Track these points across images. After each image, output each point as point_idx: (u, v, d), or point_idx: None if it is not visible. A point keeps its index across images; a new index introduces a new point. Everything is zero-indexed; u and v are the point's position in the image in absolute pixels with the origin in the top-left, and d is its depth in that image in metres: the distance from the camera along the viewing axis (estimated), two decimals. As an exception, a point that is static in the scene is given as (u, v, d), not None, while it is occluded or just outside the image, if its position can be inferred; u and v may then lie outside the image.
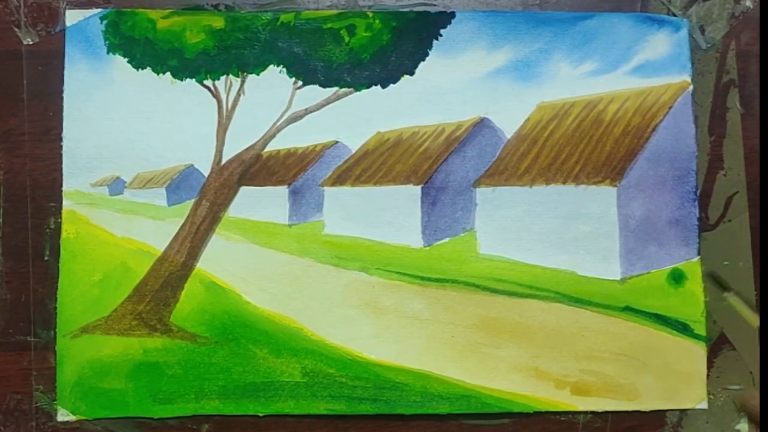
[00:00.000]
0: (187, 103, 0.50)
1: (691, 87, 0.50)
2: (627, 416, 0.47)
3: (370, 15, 0.50)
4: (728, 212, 0.50)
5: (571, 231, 0.49)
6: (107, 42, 0.50)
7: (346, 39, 0.50)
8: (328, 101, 0.50)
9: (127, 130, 0.49)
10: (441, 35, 0.50)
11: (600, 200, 0.49)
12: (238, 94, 0.50)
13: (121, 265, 0.48)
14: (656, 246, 0.49)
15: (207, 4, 0.51)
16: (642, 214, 0.49)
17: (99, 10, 0.50)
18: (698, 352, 0.48)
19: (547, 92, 0.50)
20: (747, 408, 0.40)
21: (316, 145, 0.50)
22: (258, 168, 0.50)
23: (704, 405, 0.48)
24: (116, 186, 0.49)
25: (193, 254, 0.49)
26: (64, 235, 0.48)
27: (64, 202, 0.49)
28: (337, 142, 0.50)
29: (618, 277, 0.48)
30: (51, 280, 0.48)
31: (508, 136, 0.50)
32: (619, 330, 0.48)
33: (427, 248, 0.49)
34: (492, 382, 0.47)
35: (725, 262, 0.49)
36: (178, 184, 0.49)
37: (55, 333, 0.47)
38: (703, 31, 0.51)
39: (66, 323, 0.47)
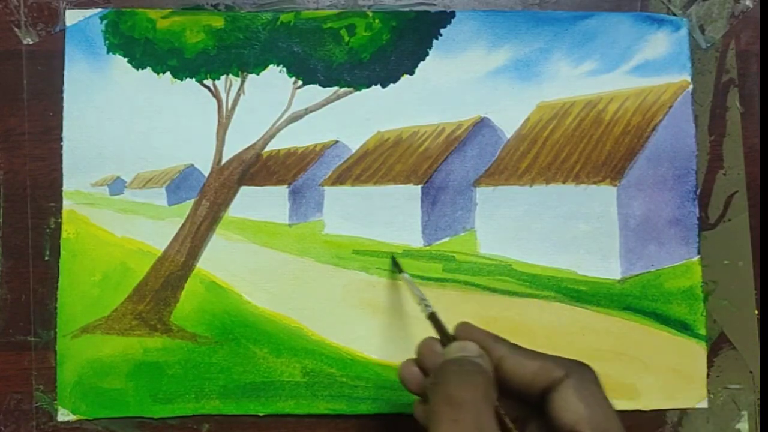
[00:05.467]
0: (187, 103, 0.50)
1: (690, 86, 0.50)
2: (627, 416, 0.47)
3: (370, 15, 0.50)
4: (728, 212, 0.50)
5: (571, 230, 0.49)
6: (107, 42, 0.50)
7: (346, 39, 0.50)
8: (328, 101, 0.50)
9: (127, 130, 0.49)
10: (441, 35, 0.50)
11: (600, 200, 0.49)
12: (238, 94, 0.50)
13: (121, 265, 0.48)
14: (656, 245, 0.49)
15: (207, 3, 0.51)
16: (642, 214, 0.49)
17: (99, 10, 0.50)
18: (698, 351, 0.48)
19: (547, 92, 0.50)
20: None
21: (316, 145, 0.50)
22: (258, 168, 0.50)
23: (704, 404, 0.48)
24: (116, 186, 0.49)
25: (193, 254, 0.49)
26: (64, 235, 0.48)
27: (64, 202, 0.49)
28: (337, 141, 0.50)
29: (618, 277, 0.48)
30: (51, 280, 0.48)
31: (508, 136, 0.50)
32: (619, 329, 0.48)
33: (427, 248, 0.49)
34: (492, 382, 0.47)
35: (725, 262, 0.49)
36: (178, 184, 0.49)
37: (55, 333, 0.47)
38: (702, 30, 0.51)
39: (66, 323, 0.47)
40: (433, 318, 0.39)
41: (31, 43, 0.50)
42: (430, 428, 0.31)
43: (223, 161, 0.50)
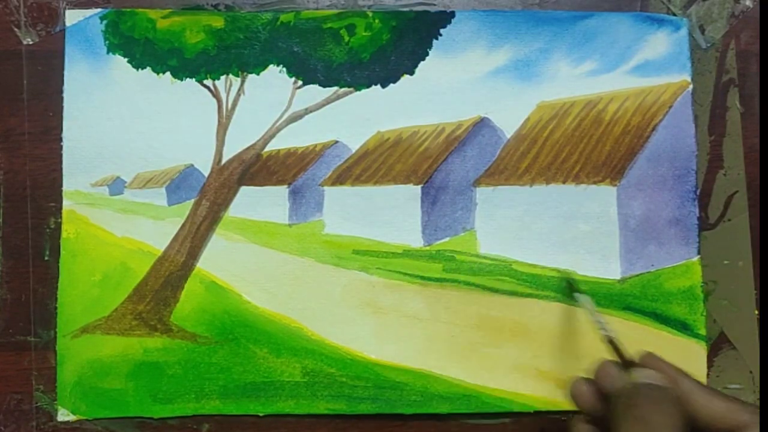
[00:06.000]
0: (187, 103, 0.50)
1: (690, 86, 0.50)
2: (627, 416, 0.47)
3: (370, 14, 0.50)
4: (728, 212, 0.50)
5: (571, 230, 0.49)
6: (107, 42, 0.50)
7: (346, 38, 0.50)
8: (328, 101, 0.50)
9: (127, 130, 0.49)
10: (441, 35, 0.50)
11: (600, 200, 0.49)
12: (238, 94, 0.50)
13: (121, 265, 0.48)
14: (656, 245, 0.49)
15: (207, 3, 0.51)
16: (642, 214, 0.49)
17: (99, 10, 0.50)
18: (698, 351, 0.48)
19: (547, 92, 0.50)
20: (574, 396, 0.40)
21: (316, 145, 0.50)
22: (258, 168, 0.50)
23: (704, 404, 0.48)
24: (116, 186, 0.49)
25: (193, 254, 0.49)
26: (64, 235, 0.48)
27: (64, 202, 0.49)
28: (337, 141, 0.50)
29: (618, 277, 0.48)
30: (51, 280, 0.48)
31: (508, 136, 0.50)
32: (619, 330, 0.48)
33: (427, 248, 0.49)
34: (492, 382, 0.47)
35: (725, 262, 0.49)
36: (178, 184, 0.49)
37: (55, 333, 0.47)
38: (702, 30, 0.51)
39: (66, 323, 0.47)
40: (612, 343, 0.40)
41: (31, 43, 0.50)
42: None
43: (223, 161, 0.50)
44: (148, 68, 0.50)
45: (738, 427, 0.34)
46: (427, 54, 0.50)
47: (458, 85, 0.50)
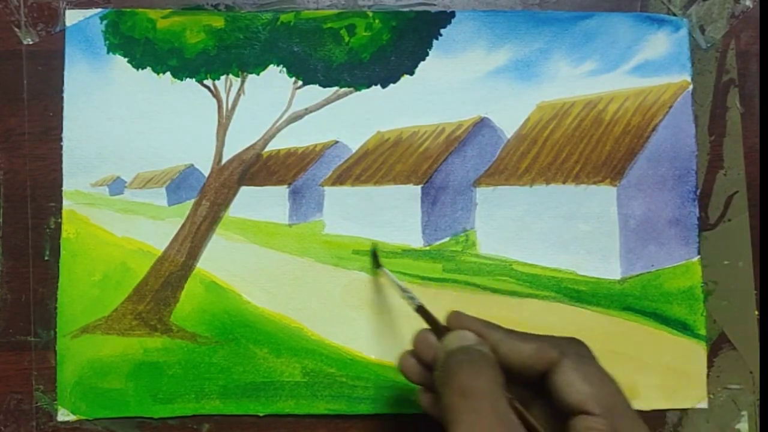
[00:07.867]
0: (187, 103, 0.50)
1: (690, 86, 0.50)
2: (627, 416, 0.47)
3: (370, 15, 0.50)
4: (728, 212, 0.50)
5: (571, 231, 0.49)
6: (107, 42, 0.50)
7: (346, 39, 0.50)
8: (328, 101, 0.50)
9: (127, 130, 0.49)
10: (441, 35, 0.50)
11: (600, 200, 0.49)
12: (238, 94, 0.50)
13: (121, 265, 0.48)
14: (656, 245, 0.49)
15: (207, 3, 0.51)
16: (642, 214, 0.49)
17: (99, 10, 0.50)
18: (698, 351, 0.48)
19: (547, 92, 0.50)
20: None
21: (316, 145, 0.50)
22: (258, 168, 0.50)
23: (704, 405, 0.48)
24: (116, 186, 0.49)
25: (193, 254, 0.49)
26: (64, 235, 0.48)
27: (64, 202, 0.49)
28: (337, 141, 0.50)
29: (618, 277, 0.48)
30: (51, 280, 0.48)
31: (508, 136, 0.50)
32: (619, 330, 0.48)
33: (427, 248, 0.49)
34: (492, 382, 0.47)
35: (725, 262, 0.49)
36: (178, 184, 0.49)
37: (55, 333, 0.47)
38: (702, 30, 0.51)
39: (66, 323, 0.47)
40: (421, 311, 0.39)
41: (31, 43, 0.50)
42: (447, 421, 0.31)
43: (223, 161, 0.50)
44: (148, 68, 0.50)
45: (550, 364, 0.33)
46: (427, 54, 0.50)
47: (458, 85, 0.50)
